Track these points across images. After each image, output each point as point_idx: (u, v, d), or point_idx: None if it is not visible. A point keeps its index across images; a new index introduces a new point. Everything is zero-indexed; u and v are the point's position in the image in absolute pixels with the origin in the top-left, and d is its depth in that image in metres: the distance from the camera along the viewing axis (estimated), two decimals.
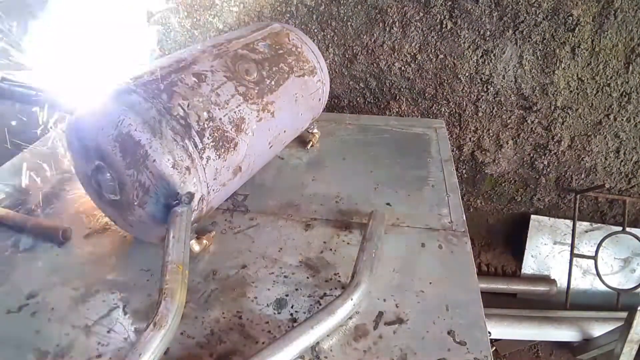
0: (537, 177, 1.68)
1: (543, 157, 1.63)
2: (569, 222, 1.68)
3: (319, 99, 1.06)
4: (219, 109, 0.77)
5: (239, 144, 0.79)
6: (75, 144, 0.75)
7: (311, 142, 1.15)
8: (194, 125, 0.73)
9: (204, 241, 0.80)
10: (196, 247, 0.78)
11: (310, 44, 1.06)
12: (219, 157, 0.76)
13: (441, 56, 1.50)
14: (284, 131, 0.94)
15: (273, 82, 0.90)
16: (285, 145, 1.03)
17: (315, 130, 1.15)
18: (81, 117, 0.73)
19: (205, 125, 0.74)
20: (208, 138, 0.74)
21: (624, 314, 1.39)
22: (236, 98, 0.81)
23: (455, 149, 1.67)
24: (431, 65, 1.52)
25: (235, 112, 0.80)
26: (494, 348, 1.61)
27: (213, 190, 0.76)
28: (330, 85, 1.60)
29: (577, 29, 1.39)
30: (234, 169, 0.80)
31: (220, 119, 0.77)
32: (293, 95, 0.95)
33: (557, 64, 1.45)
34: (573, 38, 1.41)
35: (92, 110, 0.72)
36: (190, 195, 0.69)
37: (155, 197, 0.70)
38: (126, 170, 0.70)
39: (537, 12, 1.38)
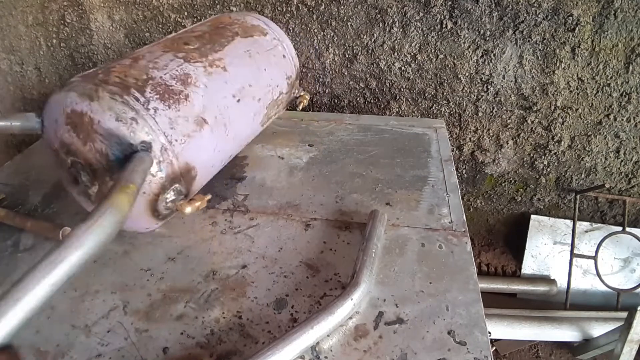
0: (537, 177, 1.68)
1: (543, 157, 1.63)
2: (569, 222, 1.68)
3: (283, 56, 1.06)
4: (157, 70, 0.78)
5: (190, 94, 0.79)
6: (51, 153, 0.77)
7: (301, 104, 1.16)
8: (132, 84, 0.73)
9: (197, 202, 0.76)
10: (187, 209, 0.74)
11: (255, 15, 1.09)
12: (169, 108, 0.74)
13: (441, 56, 1.50)
14: (249, 85, 0.93)
15: (216, 45, 0.91)
16: (264, 102, 1.00)
17: (302, 93, 1.16)
18: (45, 125, 0.75)
19: (145, 84, 0.74)
20: (150, 92, 0.74)
21: (624, 314, 1.39)
22: (176, 61, 0.82)
23: (455, 149, 1.67)
24: (431, 65, 1.52)
25: (177, 70, 0.80)
26: (494, 348, 1.61)
27: (176, 140, 0.74)
28: (330, 85, 1.61)
29: (577, 29, 1.39)
30: (195, 119, 0.78)
31: (160, 77, 0.77)
32: (244, 51, 0.96)
33: (557, 64, 1.45)
34: (573, 38, 1.41)
35: (48, 110, 0.74)
36: (146, 143, 0.69)
37: (115, 159, 0.69)
38: (85, 147, 0.70)
39: (537, 12, 1.38)
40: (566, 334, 1.49)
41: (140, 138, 0.69)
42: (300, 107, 1.17)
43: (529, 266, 1.75)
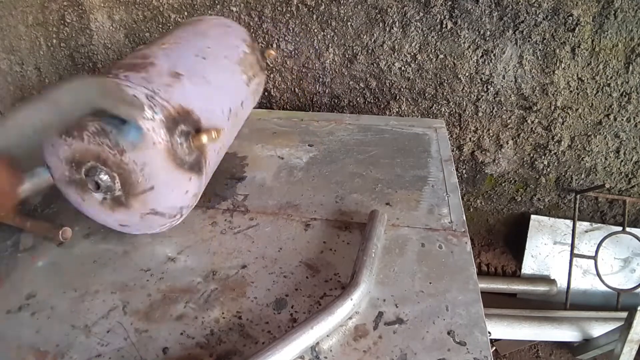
0: (537, 177, 1.68)
1: (543, 157, 1.63)
2: (569, 222, 1.68)
3: (229, 26, 1.11)
4: (120, 63, 0.83)
5: (154, 61, 0.82)
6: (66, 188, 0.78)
7: (270, 55, 1.18)
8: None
9: (211, 132, 0.76)
10: (203, 137, 0.75)
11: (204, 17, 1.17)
12: (139, 72, 0.77)
13: (441, 56, 1.50)
14: (207, 47, 0.96)
15: (166, 36, 0.98)
16: (233, 60, 1.01)
17: (271, 51, 1.19)
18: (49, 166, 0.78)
19: (111, 70, 0.78)
20: (117, 70, 0.76)
21: (624, 314, 1.39)
22: (134, 53, 0.88)
23: (455, 149, 1.67)
24: (431, 65, 1.52)
25: (136, 54, 0.86)
26: (494, 348, 1.61)
27: (158, 89, 0.75)
28: (330, 85, 1.61)
29: (577, 29, 1.39)
30: (168, 73, 0.81)
31: (123, 62, 0.82)
32: (194, 32, 1.02)
33: (557, 64, 1.45)
34: (573, 38, 1.41)
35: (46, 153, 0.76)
36: (134, 98, 0.70)
37: (114, 129, 0.70)
38: (87, 143, 0.71)
39: (537, 12, 1.38)
40: (566, 334, 1.49)
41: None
42: (270, 58, 1.17)
43: (529, 266, 1.75)
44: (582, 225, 1.69)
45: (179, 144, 0.74)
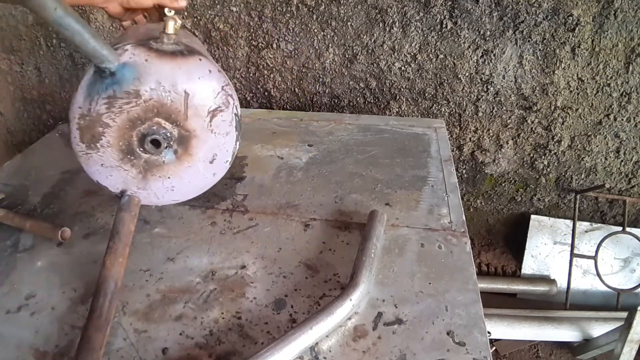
0: (537, 177, 1.68)
1: (543, 157, 1.63)
2: (569, 222, 1.68)
3: None
4: None
5: None
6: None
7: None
8: None
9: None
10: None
11: None
12: None
13: (441, 56, 1.50)
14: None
15: None
16: None
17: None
18: None
19: None
20: None
21: (624, 314, 1.39)
22: None
23: (455, 149, 1.67)
24: (431, 65, 1.52)
25: None
26: (494, 348, 1.61)
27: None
28: (330, 85, 1.61)
29: (577, 29, 1.39)
30: None
31: None
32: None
33: (557, 64, 1.45)
34: (573, 38, 1.41)
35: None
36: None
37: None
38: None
39: (537, 12, 1.38)
40: (566, 334, 1.49)
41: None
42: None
43: (529, 266, 1.75)
44: (582, 225, 1.69)
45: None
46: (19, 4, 0.65)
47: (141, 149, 0.72)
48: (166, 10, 0.73)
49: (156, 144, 0.71)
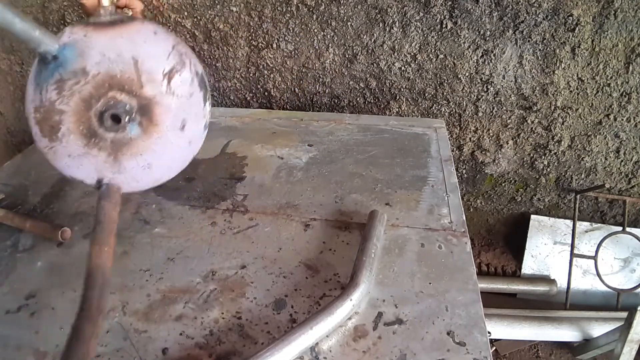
0: (537, 177, 1.68)
1: (543, 157, 1.63)
2: (569, 222, 1.68)
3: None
4: None
5: None
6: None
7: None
8: None
9: None
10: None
11: None
12: None
13: (441, 56, 1.50)
14: None
15: None
16: None
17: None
18: None
19: None
20: None
21: (624, 314, 1.39)
22: None
23: (455, 149, 1.67)
24: (431, 65, 1.52)
25: None
26: (494, 348, 1.61)
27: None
28: (330, 85, 1.61)
29: (577, 29, 1.39)
30: None
31: None
32: None
33: (557, 64, 1.45)
34: (573, 38, 1.41)
35: None
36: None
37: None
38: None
39: (537, 12, 1.38)
40: (566, 334, 1.49)
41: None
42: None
43: (529, 266, 1.75)
44: (582, 225, 1.69)
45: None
46: None
47: (103, 128, 0.65)
48: None
49: (116, 119, 0.65)
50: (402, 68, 1.54)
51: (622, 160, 1.60)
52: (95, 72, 0.64)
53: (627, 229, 1.61)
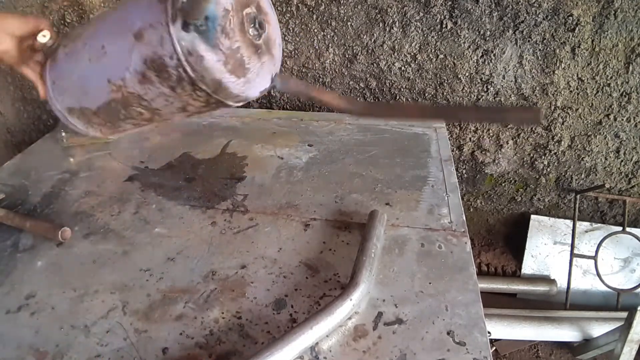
0: (537, 177, 1.68)
1: (543, 157, 1.63)
2: (569, 222, 1.68)
3: None
4: None
5: None
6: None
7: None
8: None
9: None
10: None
11: None
12: None
13: (441, 56, 1.50)
14: None
15: None
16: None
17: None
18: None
19: None
20: None
21: (624, 314, 1.39)
22: None
23: (455, 149, 1.67)
24: (431, 65, 1.52)
25: None
26: (494, 348, 1.61)
27: None
28: (330, 86, 1.61)
29: (577, 29, 1.39)
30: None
31: None
32: None
33: (557, 64, 1.45)
34: (573, 38, 1.41)
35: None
36: None
37: None
38: None
39: (537, 12, 1.38)
40: (566, 334, 1.49)
41: None
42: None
43: (529, 266, 1.75)
44: (582, 225, 1.69)
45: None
46: None
47: (257, 38, 0.69)
48: None
49: (261, 25, 0.69)
50: (402, 68, 1.54)
51: (622, 160, 1.60)
52: (230, 4, 0.65)
53: (627, 229, 1.61)
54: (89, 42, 0.69)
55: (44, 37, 0.69)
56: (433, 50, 1.49)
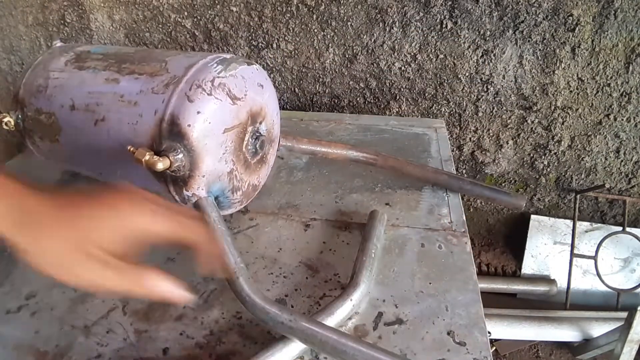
0: (537, 177, 1.68)
1: (543, 157, 1.63)
2: (569, 222, 1.68)
3: None
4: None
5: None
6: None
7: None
8: None
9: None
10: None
11: None
12: None
13: (441, 56, 1.50)
14: None
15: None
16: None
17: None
18: None
19: None
20: None
21: (624, 314, 1.39)
22: None
23: (455, 149, 1.67)
24: (431, 65, 1.52)
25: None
26: (494, 348, 1.61)
27: None
28: (330, 85, 1.61)
29: (577, 29, 1.39)
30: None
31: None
32: None
33: (557, 64, 1.45)
34: (573, 38, 1.41)
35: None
36: None
37: None
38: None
39: (537, 12, 1.38)
40: (566, 334, 1.49)
41: None
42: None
43: (529, 266, 1.75)
44: (582, 225, 1.69)
45: None
46: None
47: (251, 156, 0.82)
48: None
49: (261, 145, 0.81)
50: (402, 68, 1.54)
51: (622, 160, 1.60)
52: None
53: (627, 229, 1.61)
54: None
55: None
56: (433, 50, 1.49)
